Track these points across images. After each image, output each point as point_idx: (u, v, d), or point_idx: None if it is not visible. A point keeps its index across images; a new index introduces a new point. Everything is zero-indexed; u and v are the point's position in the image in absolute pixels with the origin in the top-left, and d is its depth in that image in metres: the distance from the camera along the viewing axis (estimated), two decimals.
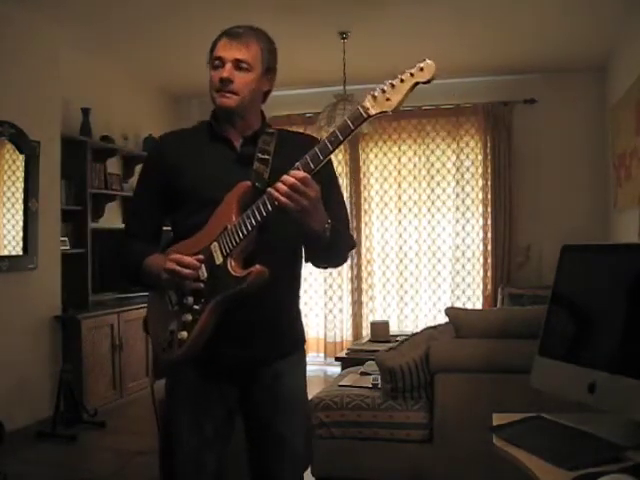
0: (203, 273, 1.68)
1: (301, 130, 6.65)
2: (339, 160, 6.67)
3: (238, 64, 1.73)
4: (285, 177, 1.58)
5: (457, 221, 6.42)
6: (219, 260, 1.67)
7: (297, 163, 1.60)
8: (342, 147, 6.61)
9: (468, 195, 6.40)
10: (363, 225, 6.66)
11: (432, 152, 6.49)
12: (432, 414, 2.99)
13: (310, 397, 3.24)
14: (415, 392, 3.03)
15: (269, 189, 1.61)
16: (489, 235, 6.30)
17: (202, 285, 1.68)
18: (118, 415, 4.87)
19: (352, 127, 1.58)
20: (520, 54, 5.61)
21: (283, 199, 1.57)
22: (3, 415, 3.86)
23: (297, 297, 1.94)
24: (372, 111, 1.58)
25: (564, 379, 1.76)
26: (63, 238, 5.01)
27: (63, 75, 4.91)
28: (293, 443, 1.83)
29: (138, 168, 6.08)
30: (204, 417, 1.79)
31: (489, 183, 6.29)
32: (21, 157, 4.50)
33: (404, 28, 4.96)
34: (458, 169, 6.41)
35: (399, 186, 6.58)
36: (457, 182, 6.41)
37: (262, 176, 1.74)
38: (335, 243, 1.74)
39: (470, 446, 2.79)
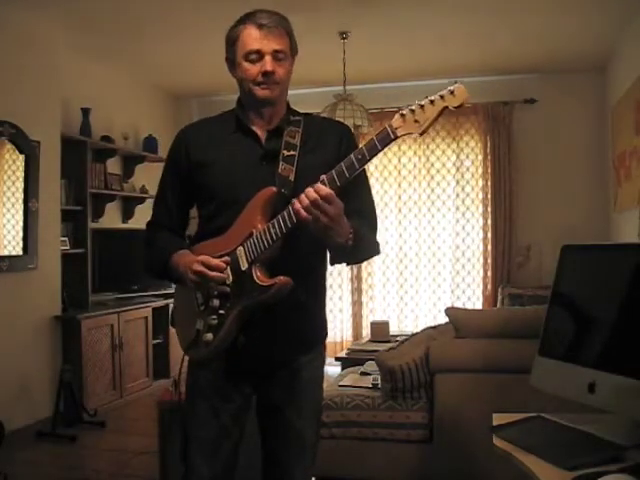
0: (229, 276, 1.71)
1: None
2: None
3: (276, 55, 1.75)
4: (309, 191, 1.56)
5: (457, 221, 6.42)
6: (244, 266, 1.69)
7: (323, 176, 1.58)
8: None
9: (468, 195, 6.40)
10: None
11: (432, 152, 6.49)
12: (432, 414, 2.98)
13: None
14: (415, 392, 3.03)
15: (293, 201, 1.60)
16: (489, 235, 6.30)
17: (228, 289, 1.71)
18: (118, 415, 4.87)
19: (379, 147, 1.56)
20: (520, 54, 5.61)
21: (303, 213, 1.56)
22: (3, 415, 3.86)
23: (322, 300, 1.93)
24: (400, 132, 1.56)
25: (564, 379, 1.76)
26: (63, 238, 5.01)
27: (63, 75, 4.92)
28: (304, 435, 1.85)
29: (138, 168, 6.08)
30: (222, 406, 1.82)
31: (489, 183, 6.29)
32: (21, 157, 4.50)
33: (404, 28, 4.96)
34: (458, 169, 6.41)
35: (399, 186, 6.58)
36: (457, 182, 6.42)
37: (287, 179, 1.73)
38: (357, 251, 1.74)
39: (470, 446, 2.80)
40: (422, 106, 1.55)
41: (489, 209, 6.30)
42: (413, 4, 4.47)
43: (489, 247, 6.30)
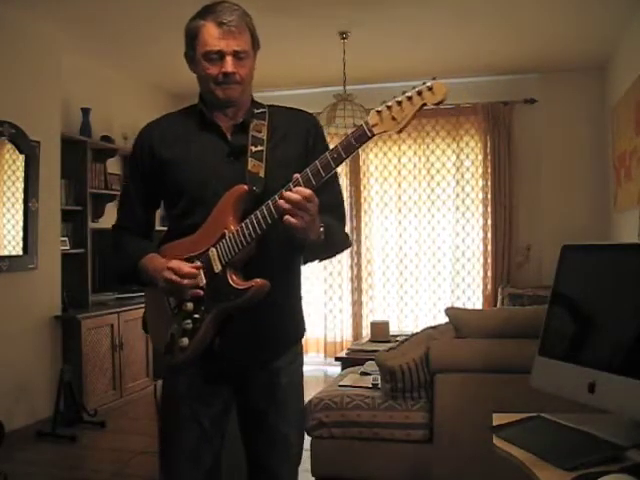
0: (202, 279, 1.66)
1: None
2: None
3: (237, 54, 1.69)
4: (289, 194, 1.53)
5: (457, 221, 6.42)
6: (218, 268, 1.65)
7: (297, 175, 1.55)
8: None
9: (468, 195, 6.40)
10: (363, 225, 6.65)
11: (432, 152, 6.48)
12: (432, 414, 2.98)
13: (310, 397, 3.24)
14: (415, 392, 3.03)
15: (274, 204, 1.57)
16: (489, 235, 6.30)
17: (201, 292, 1.66)
18: (118, 415, 4.87)
19: (356, 145, 1.53)
20: (520, 54, 5.61)
21: (293, 220, 1.53)
22: (3, 415, 3.86)
23: (298, 298, 1.89)
24: (376, 130, 1.52)
25: (564, 379, 1.75)
26: (63, 238, 5.01)
27: (63, 75, 4.92)
28: (290, 438, 1.83)
29: None
30: (202, 411, 1.79)
31: (489, 183, 6.29)
32: (21, 157, 4.50)
33: (404, 28, 4.96)
34: (458, 169, 6.41)
35: (399, 186, 6.58)
36: (457, 182, 6.42)
37: (258, 176, 1.69)
38: (329, 247, 1.73)
39: (470, 446, 2.79)
40: (399, 102, 1.52)
41: (489, 209, 6.29)
42: (413, 4, 4.47)
43: (489, 247, 6.30)
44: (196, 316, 1.67)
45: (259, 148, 1.73)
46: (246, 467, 1.88)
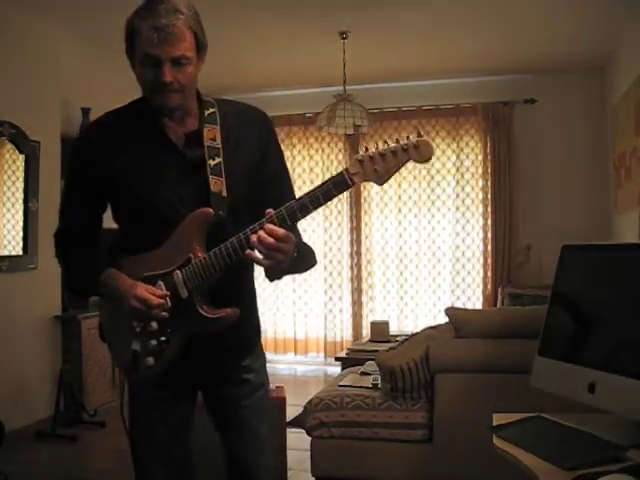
0: (168, 303, 1.61)
1: (301, 131, 6.67)
2: (339, 160, 6.67)
3: (176, 61, 1.56)
4: (263, 237, 1.49)
5: (457, 221, 6.42)
6: (184, 294, 1.61)
7: (271, 212, 1.51)
8: (342, 147, 6.64)
9: (468, 195, 6.40)
10: (363, 225, 6.65)
11: None
12: (432, 414, 2.98)
13: (310, 397, 3.25)
14: (415, 392, 3.03)
15: (245, 239, 1.53)
16: (489, 235, 6.29)
17: (167, 315, 1.61)
18: (118, 415, 4.86)
19: (335, 193, 1.50)
20: (520, 54, 5.61)
21: (265, 262, 1.52)
22: (3, 415, 3.85)
23: (254, 303, 1.87)
24: (357, 179, 1.48)
25: (564, 379, 1.76)
26: None
27: (63, 75, 4.91)
28: (260, 431, 1.82)
29: None
30: (169, 412, 1.78)
31: (489, 183, 6.29)
32: (21, 157, 4.50)
33: (404, 28, 4.96)
34: (458, 169, 6.41)
35: (399, 186, 6.58)
36: (457, 182, 6.41)
37: (221, 196, 1.62)
38: (298, 266, 1.69)
39: (470, 446, 2.79)
40: (382, 155, 1.47)
41: (489, 209, 6.29)
42: (413, 4, 4.47)
43: (489, 247, 6.30)
44: (162, 338, 1.64)
45: (217, 160, 1.64)
46: (225, 464, 1.88)
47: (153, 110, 1.65)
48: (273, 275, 1.64)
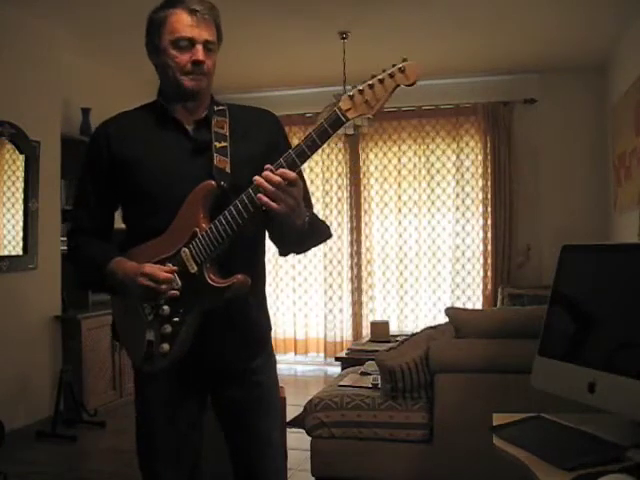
0: (177, 282, 1.60)
1: (301, 131, 6.66)
2: (339, 160, 6.67)
3: (207, 45, 1.65)
4: (271, 177, 1.49)
5: (457, 221, 6.41)
6: (193, 269, 1.60)
7: (268, 165, 1.52)
8: (342, 147, 6.64)
9: (468, 195, 6.40)
10: (363, 225, 6.65)
11: (432, 152, 6.48)
12: (432, 414, 2.98)
13: (310, 397, 3.25)
14: (415, 392, 3.03)
15: (248, 197, 1.52)
16: (489, 235, 6.29)
17: (178, 293, 1.60)
18: (118, 415, 4.87)
19: (330, 132, 1.51)
20: (520, 54, 5.61)
21: (274, 205, 1.49)
22: (3, 415, 3.86)
23: (263, 297, 1.86)
24: (350, 114, 1.50)
25: (564, 379, 1.76)
26: (63, 238, 5.01)
27: (63, 75, 4.92)
28: (271, 435, 1.81)
29: None
30: (177, 414, 1.77)
31: (489, 183, 6.29)
32: (21, 157, 4.50)
33: (404, 28, 4.96)
34: (458, 169, 6.41)
35: (399, 186, 6.58)
36: (457, 182, 6.41)
37: (224, 171, 1.65)
38: (314, 234, 1.70)
39: (470, 446, 2.80)
40: (371, 86, 1.50)
41: (489, 209, 6.29)
42: (413, 4, 4.47)
43: (489, 247, 6.30)
44: (175, 319, 1.62)
45: (223, 144, 1.68)
46: (231, 467, 1.86)
47: (165, 100, 1.72)
48: (288, 235, 1.63)
